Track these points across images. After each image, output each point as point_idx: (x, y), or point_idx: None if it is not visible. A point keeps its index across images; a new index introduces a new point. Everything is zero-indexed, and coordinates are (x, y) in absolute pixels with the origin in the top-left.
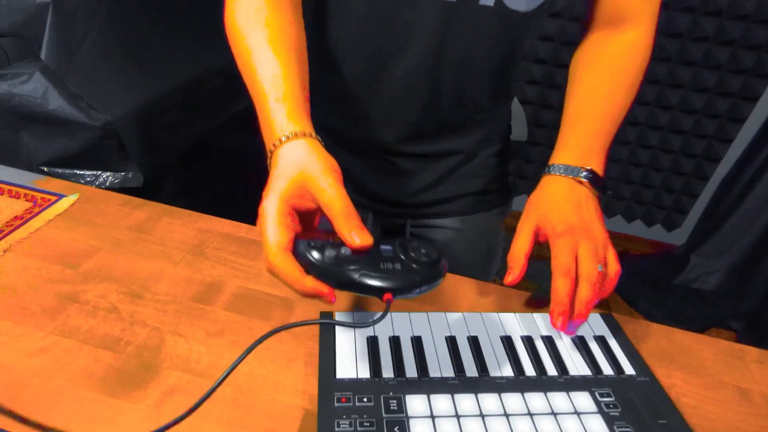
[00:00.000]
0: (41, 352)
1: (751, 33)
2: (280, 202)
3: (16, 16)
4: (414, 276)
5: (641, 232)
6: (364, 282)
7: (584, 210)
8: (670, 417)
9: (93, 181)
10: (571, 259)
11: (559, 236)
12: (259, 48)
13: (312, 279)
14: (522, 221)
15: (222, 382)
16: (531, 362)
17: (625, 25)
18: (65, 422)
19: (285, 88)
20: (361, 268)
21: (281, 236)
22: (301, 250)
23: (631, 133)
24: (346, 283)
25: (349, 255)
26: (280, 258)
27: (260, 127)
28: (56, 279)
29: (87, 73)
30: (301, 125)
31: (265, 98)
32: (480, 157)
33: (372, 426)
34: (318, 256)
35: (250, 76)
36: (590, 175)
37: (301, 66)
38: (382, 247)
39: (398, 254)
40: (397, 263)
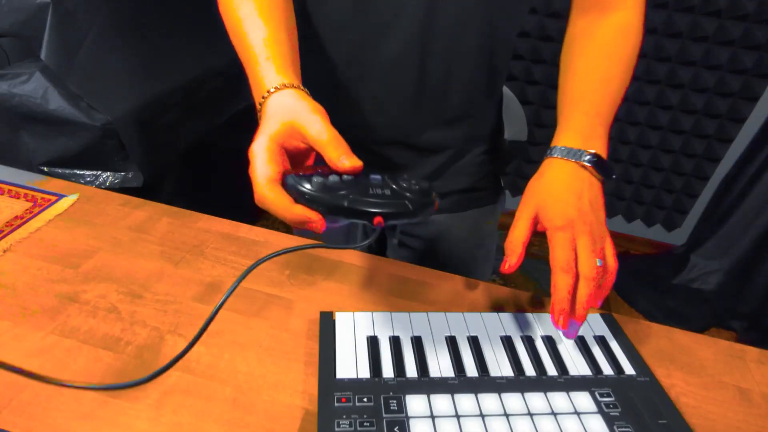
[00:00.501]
0: (41, 352)
1: (751, 33)
2: (268, 141)
3: (16, 16)
4: (404, 202)
5: (641, 232)
6: (353, 207)
7: (585, 200)
8: (670, 417)
9: (93, 181)
10: (570, 254)
11: (558, 230)
12: (249, 17)
13: (301, 207)
14: (520, 208)
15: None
16: (531, 362)
17: (611, 8)
18: (65, 422)
19: (274, 49)
20: (350, 193)
21: (270, 170)
22: (290, 182)
23: (631, 133)
24: (335, 208)
25: (337, 182)
26: (268, 188)
27: (251, 89)
28: (56, 279)
29: (87, 73)
30: (288, 78)
31: (255, 60)
32: (470, 155)
33: (372, 426)
34: (307, 185)
35: (241, 42)
36: (594, 158)
37: (290, 33)
38: (372, 176)
39: (388, 182)
40: (386, 190)
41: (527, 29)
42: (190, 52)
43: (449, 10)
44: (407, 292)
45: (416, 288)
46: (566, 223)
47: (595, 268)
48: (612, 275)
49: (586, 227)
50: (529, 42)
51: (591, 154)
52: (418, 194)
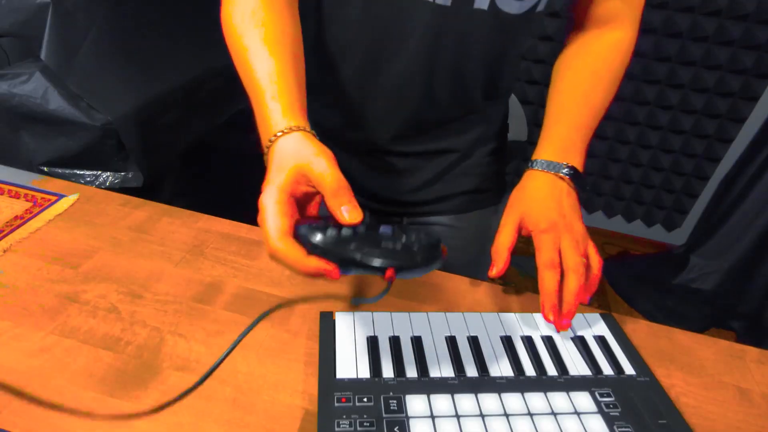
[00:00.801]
0: (41, 352)
1: (751, 33)
2: (278, 192)
3: (16, 16)
4: (414, 255)
5: (641, 232)
6: (366, 260)
7: (564, 205)
8: (670, 417)
9: (93, 181)
10: (555, 254)
11: (542, 232)
12: (254, 47)
13: (315, 258)
14: (505, 216)
15: None
16: (531, 362)
17: (608, 27)
18: (65, 422)
19: (280, 85)
20: (363, 246)
21: (281, 222)
22: (302, 232)
23: (631, 133)
24: (348, 261)
25: (350, 235)
26: (281, 242)
27: (257, 125)
28: (56, 279)
29: (87, 73)
30: (296, 121)
31: (262, 96)
32: (475, 156)
33: (372, 426)
34: (320, 236)
35: (247, 75)
36: (571, 171)
37: (296, 64)
38: (382, 228)
39: (399, 235)
40: (397, 243)
41: None
42: (190, 52)
43: (457, 31)
44: (407, 292)
45: (416, 288)
46: (549, 225)
47: (580, 261)
48: (597, 271)
49: (568, 227)
50: (528, 42)
51: (568, 167)
52: (427, 248)
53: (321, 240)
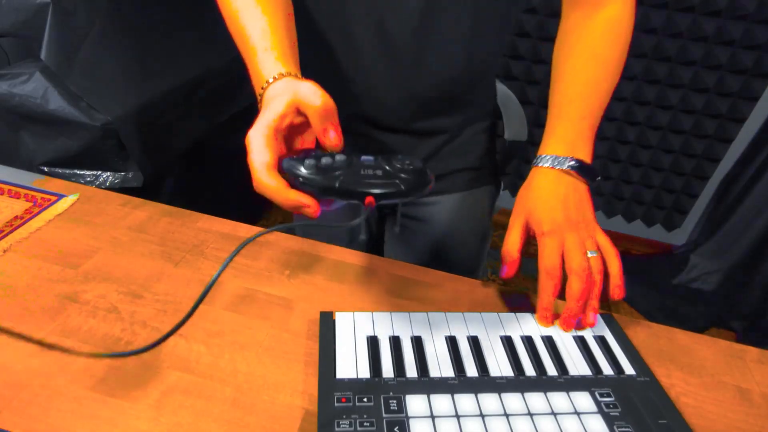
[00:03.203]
0: (41, 352)
1: (751, 33)
2: (263, 127)
3: (16, 16)
4: (396, 181)
5: (641, 232)
6: (344, 187)
7: (570, 203)
8: (670, 417)
9: (93, 181)
10: (556, 260)
11: (545, 235)
12: (246, 8)
13: (295, 192)
14: (513, 216)
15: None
16: (531, 362)
17: (601, 3)
18: (65, 422)
19: (272, 39)
20: (342, 174)
21: (266, 156)
22: (285, 165)
23: (631, 133)
24: (327, 189)
25: (329, 163)
26: (264, 175)
27: (251, 80)
28: (56, 279)
29: (87, 73)
30: (287, 67)
31: (254, 51)
32: (465, 135)
33: (372, 426)
34: (301, 167)
35: (239, 33)
36: (577, 164)
37: (288, 22)
38: (364, 157)
39: (381, 163)
40: (378, 170)
41: (527, 29)
42: (190, 52)
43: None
44: (407, 292)
45: (416, 288)
46: (553, 227)
47: (583, 263)
48: (616, 259)
49: (572, 228)
50: (529, 42)
51: (574, 160)
52: (411, 174)
53: (300, 170)
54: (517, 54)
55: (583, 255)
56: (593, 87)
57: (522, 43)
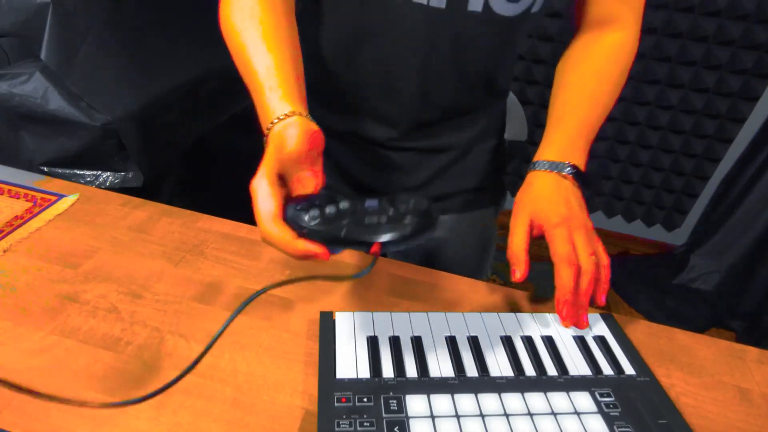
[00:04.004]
0: (41, 352)
1: (751, 33)
2: (266, 175)
3: (16, 16)
4: (401, 227)
5: (641, 232)
6: (349, 237)
7: (573, 202)
8: (670, 417)
9: (93, 181)
10: (571, 248)
11: (555, 227)
12: (253, 43)
13: (303, 241)
14: (514, 218)
15: None
16: (531, 362)
17: (610, 27)
18: (65, 422)
19: (279, 77)
20: (347, 224)
21: (270, 205)
22: (289, 215)
23: (631, 133)
24: (333, 240)
25: (333, 213)
26: (270, 225)
27: (258, 118)
28: (56, 279)
29: (87, 73)
30: (293, 106)
31: (261, 89)
32: (473, 154)
33: (372, 426)
34: (304, 217)
35: (246, 70)
36: (573, 170)
37: (295, 58)
38: (368, 202)
39: (385, 207)
40: (383, 216)
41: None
42: (190, 52)
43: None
44: (407, 292)
45: (416, 288)
46: (561, 220)
47: (592, 261)
48: (607, 269)
49: (580, 223)
50: (529, 42)
51: (571, 165)
52: (416, 215)
53: (304, 221)
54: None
55: (590, 255)
56: (592, 101)
57: (521, 44)
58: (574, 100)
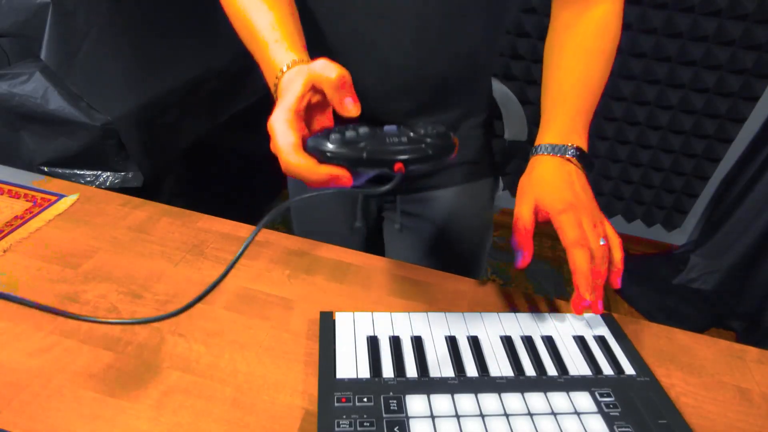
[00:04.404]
0: (41, 352)
1: (751, 33)
2: (284, 112)
3: (16, 16)
4: (423, 147)
5: (641, 232)
6: (372, 156)
7: (577, 186)
8: (670, 417)
9: (93, 181)
10: (580, 231)
11: (561, 212)
12: (252, 4)
13: (326, 166)
14: (519, 203)
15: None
16: (531, 362)
17: (591, 2)
18: (65, 422)
19: (282, 30)
20: (368, 144)
21: (291, 137)
22: (310, 144)
23: (631, 133)
24: (357, 161)
25: (354, 136)
26: (293, 156)
27: (264, 75)
28: (56, 279)
29: (87, 73)
30: (299, 55)
31: (265, 44)
32: (464, 128)
33: (372, 426)
34: (327, 143)
35: (248, 31)
36: (576, 152)
37: (293, 14)
38: (387, 128)
39: (405, 131)
40: (404, 137)
41: (527, 29)
42: (190, 52)
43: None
44: (407, 292)
45: (416, 288)
46: (566, 206)
47: (600, 245)
48: (619, 250)
49: (586, 208)
50: (529, 42)
51: (574, 147)
52: (436, 138)
53: (326, 146)
54: (516, 54)
55: (598, 238)
56: (585, 82)
57: (522, 43)
58: (567, 81)
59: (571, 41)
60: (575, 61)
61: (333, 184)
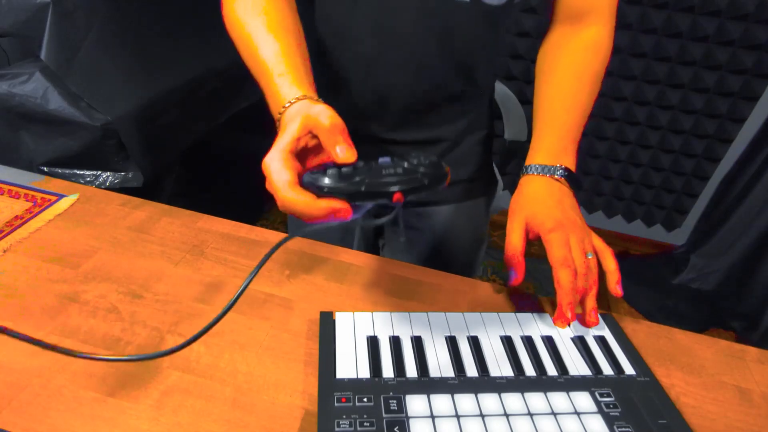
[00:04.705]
0: (41, 352)
1: (751, 33)
2: (278, 152)
3: (16, 16)
4: (418, 176)
5: (641, 232)
6: (371, 189)
7: (566, 205)
8: (670, 417)
9: (93, 181)
10: (567, 251)
11: (550, 231)
12: (258, 33)
13: (325, 200)
14: (510, 222)
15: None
16: (531, 362)
17: (584, 23)
18: (65, 422)
19: (287, 63)
20: (366, 178)
21: (287, 174)
22: (307, 180)
23: (631, 133)
24: (355, 194)
25: (351, 171)
26: (289, 192)
27: (268, 105)
28: (56, 279)
29: (87, 73)
30: (304, 90)
31: (270, 76)
32: (465, 145)
33: (372, 426)
34: (324, 179)
35: (254, 59)
36: (565, 172)
37: (300, 44)
38: (381, 159)
39: (398, 162)
40: (399, 168)
41: (527, 29)
42: (190, 52)
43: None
44: (407, 292)
45: (416, 288)
46: (556, 224)
47: (584, 263)
48: (612, 259)
49: (574, 226)
50: (528, 42)
51: (562, 169)
52: (429, 167)
53: (324, 181)
54: (516, 54)
55: (583, 254)
56: (575, 102)
57: (521, 43)
58: (557, 102)
59: (562, 60)
60: (565, 80)
61: (333, 218)
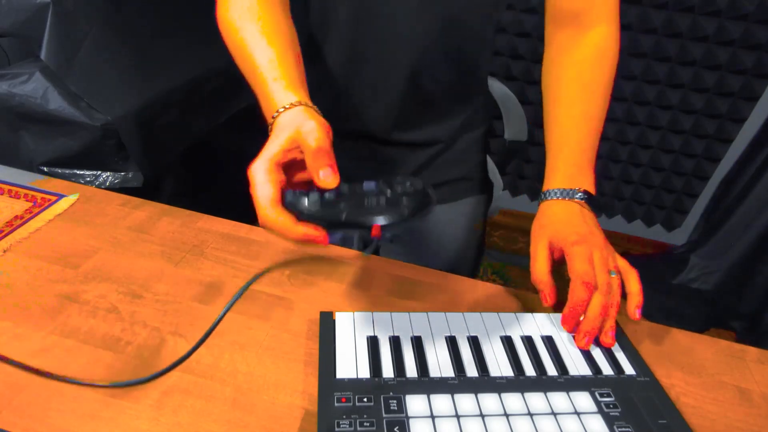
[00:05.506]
0: (41, 352)
1: (751, 33)
2: (264, 161)
3: (16, 16)
4: (400, 208)
5: (641, 232)
6: (350, 220)
7: (589, 223)
8: (670, 417)
9: (93, 181)
10: (589, 266)
11: (574, 244)
12: (253, 38)
13: (303, 226)
14: (534, 244)
15: None
16: (531, 362)
17: (585, 24)
18: (65, 422)
19: (281, 68)
20: (347, 207)
21: (269, 190)
22: (288, 200)
23: (631, 133)
24: (334, 224)
25: (333, 197)
26: (270, 211)
27: (262, 110)
28: (56, 279)
29: (87, 73)
30: (298, 96)
31: (264, 81)
32: (459, 144)
33: (372, 426)
34: (304, 202)
35: (247, 64)
36: (585, 195)
37: (294, 50)
38: (366, 185)
39: (383, 188)
40: (382, 197)
41: (527, 29)
42: (190, 52)
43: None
44: (407, 292)
45: (416, 288)
46: (580, 238)
47: (607, 281)
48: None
49: (598, 242)
50: (528, 42)
51: (582, 192)
52: (413, 196)
53: (304, 205)
54: (516, 54)
55: (607, 272)
56: (587, 119)
57: (522, 43)
58: (568, 120)
59: (568, 71)
60: (574, 96)
61: (308, 243)
